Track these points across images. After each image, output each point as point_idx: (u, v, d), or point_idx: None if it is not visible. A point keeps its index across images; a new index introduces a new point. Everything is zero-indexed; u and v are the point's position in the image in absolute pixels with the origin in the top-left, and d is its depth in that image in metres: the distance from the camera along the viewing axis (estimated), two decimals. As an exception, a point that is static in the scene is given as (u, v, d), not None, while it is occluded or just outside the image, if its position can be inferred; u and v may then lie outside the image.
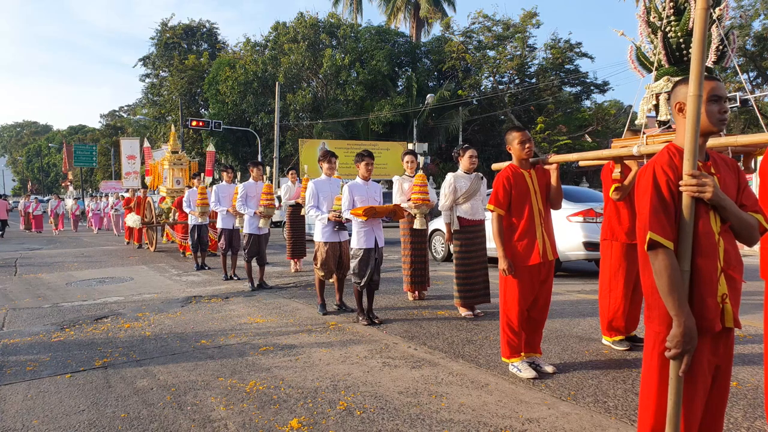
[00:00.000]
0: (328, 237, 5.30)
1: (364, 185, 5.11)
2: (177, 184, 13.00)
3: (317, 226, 5.39)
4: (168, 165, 13.07)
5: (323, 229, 5.32)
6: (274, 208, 6.80)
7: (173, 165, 13.06)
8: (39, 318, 5.57)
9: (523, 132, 3.55)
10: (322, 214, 5.29)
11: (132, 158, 27.15)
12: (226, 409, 3.06)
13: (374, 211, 4.86)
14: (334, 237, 5.32)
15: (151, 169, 14.79)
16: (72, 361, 4.01)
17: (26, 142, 77.79)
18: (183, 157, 13.34)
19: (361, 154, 5.10)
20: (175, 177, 13.06)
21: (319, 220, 5.31)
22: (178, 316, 5.51)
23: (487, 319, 5.11)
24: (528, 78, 31.32)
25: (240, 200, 6.98)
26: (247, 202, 6.99)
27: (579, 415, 2.88)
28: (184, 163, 13.23)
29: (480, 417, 2.88)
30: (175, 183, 13.01)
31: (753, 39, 27.06)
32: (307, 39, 30.05)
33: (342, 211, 5.09)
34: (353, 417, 2.92)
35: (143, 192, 14.05)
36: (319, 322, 5.10)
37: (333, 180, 5.55)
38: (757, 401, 3.05)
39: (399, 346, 4.25)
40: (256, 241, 6.96)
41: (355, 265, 4.98)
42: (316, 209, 5.34)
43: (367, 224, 4.96)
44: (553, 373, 3.52)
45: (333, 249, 5.31)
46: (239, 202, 7.00)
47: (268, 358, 4.00)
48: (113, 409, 3.10)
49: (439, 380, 3.45)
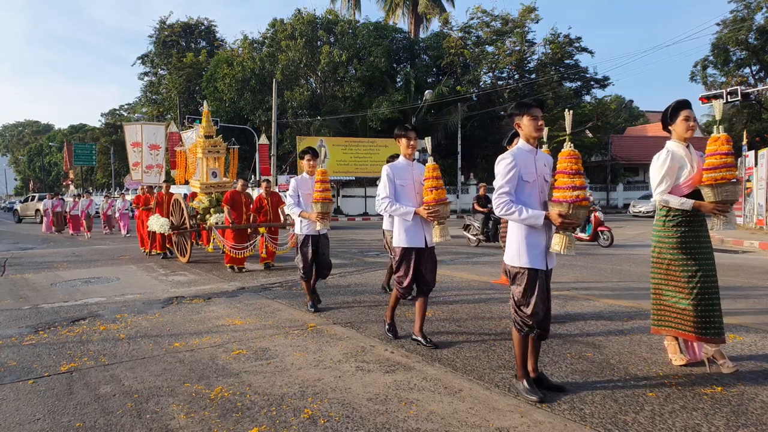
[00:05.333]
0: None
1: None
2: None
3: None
4: (202, 153, 10.35)
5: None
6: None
7: (207, 153, 10.35)
8: (15, 320, 5.46)
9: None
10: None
11: (137, 145, 22.37)
12: (186, 417, 2.94)
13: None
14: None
15: (179, 159, 11.90)
16: (38, 366, 3.90)
17: (27, 141, 77.92)
18: (219, 143, 10.55)
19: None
20: (210, 168, 10.40)
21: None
22: (157, 317, 5.39)
23: (470, 320, 4.97)
24: (527, 73, 31.11)
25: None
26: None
27: (552, 424, 2.74)
28: (221, 151, 10.55)
29: (448, 426, 2.75)
30: (210, 176, 10.37)
31: (756, 32, 26.74)
32: (305, 36, 29.87)
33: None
34: (316, 426, 2.79)
35: (166, 187, 11.25)
36: (298, 324, 4.98)
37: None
38: (742, 408, 2.91)
39: (375, 349, 4.12)
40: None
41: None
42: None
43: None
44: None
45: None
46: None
47: (239, 362, 3.87)
48: (69, 418, 2.98)
49: (412, 386, 3.32)
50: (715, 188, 3.31)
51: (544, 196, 3.19)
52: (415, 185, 4.17)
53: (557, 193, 3.02)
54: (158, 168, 22.27)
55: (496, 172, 3.17)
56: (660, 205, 3.53)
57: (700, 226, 3.45)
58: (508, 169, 3.09)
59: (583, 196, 2.95)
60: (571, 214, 2.94)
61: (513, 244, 3.17)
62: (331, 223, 5.47)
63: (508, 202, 3.07)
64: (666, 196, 3.44)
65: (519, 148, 3.20)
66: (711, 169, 3.34)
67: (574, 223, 2.97)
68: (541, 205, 3.16)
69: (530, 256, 3.09)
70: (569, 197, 2.95)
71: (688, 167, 3.43)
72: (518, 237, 3.15)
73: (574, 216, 2.94)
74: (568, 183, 2.98)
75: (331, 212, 5.38)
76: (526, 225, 3.09)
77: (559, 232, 3.01)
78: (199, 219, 9.72)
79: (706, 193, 3.36)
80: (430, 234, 4.13)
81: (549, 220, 3.02)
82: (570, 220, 2.94)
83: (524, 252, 3.10)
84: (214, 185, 10.33)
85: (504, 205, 3.07)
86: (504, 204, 3.07)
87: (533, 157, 3.18)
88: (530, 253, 3.09)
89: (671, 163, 3.42)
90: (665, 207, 3.50)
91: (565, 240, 2.97)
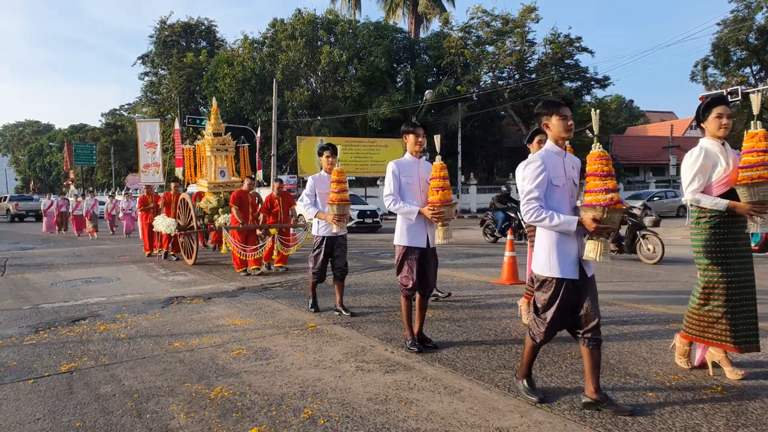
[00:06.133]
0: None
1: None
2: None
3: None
4: (210, 151, 9.97)
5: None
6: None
7: (216, 151, 9.96)
8: (16, 320, 5.47)
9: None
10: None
11: (152, 146, 21.05)
12: (186, 417, 2.94)
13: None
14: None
15: (186, 157, 11.45)
16: (38, 366, 3.90)
17: (28, 141, 77.95)
18: (228, 141, 10.13)
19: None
20: (218, 167, 9.98)
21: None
22: (157, 317, 5.39)
23: (470, 320, 4.98)
24: (527, 73, 31.11)
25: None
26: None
27: (552, 424, 2.74)
28: (230, 149, 10.16)
29: (448, 426, 2.75)
30: (219, 175, 9.96)
31: (756, 32, 26.73)
32: (305, 36, 29.89)
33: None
34: (316, 426, 2.79)
35: (174, 187, 10.82)
36: (298, 324, 4.98)
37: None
38: (742, 408, 2.91)
39: (375, 349, 4.12)
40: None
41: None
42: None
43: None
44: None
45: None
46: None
47: (239, 362, 3.88)
48: (69, 418, 2.99)
49: (412, 386, 3.32)
50: (751, 188, 3.12)
51: (574, 201, 3.00)
52: (420, 183, 4.06)
53: (589, 197, 2.82)
54: (155, 167, 21.23)
55: (523, 176, 2.97)
56: (692, 206, 3.33)
57: (739, 227, 3.24)
58: (537, 173, 2.88)
59: (617, 199, 2.77)
60: (606, 219, 2.75)
61: (543, 252, 2.96)
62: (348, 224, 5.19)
63: (538, 208, 2.86)
64: (698, 195, 3.25)
65: (547, 150, 2.99)
66: (747, 167, 3.15)
67: (609, 228, 2.78)
68: (571, 210, 2.95)
69: (561, 266, 2.88)
70: (603, 201, 2.75)
71: (722, 165, 3.23)
72: (548, 245, 2.93)
73: (609, 220, 2.75)
74: (600, 186, 2.78)
75: (348, 214, 5.15)
76: (557, 232, 2.89)
77: (592, 238, 2.82)
78: (207, 219, 9.42)
79: (741, 192, 3.16)
80: (432, 234, 4.02)
81: (581, 226, 2.82)
82: (605, 225, 2.75)
83: (555, 261, 2.89)
84: (222, 185, 9.91)
85: (534, 211, 2.86)
86: (534, 210, 2.86)
87: (562, 159, 2.97)
88: (561, 262, 2.88)
89: (704, 161, 3.24)
90: (697, 207, 3.30)
91: (600, 246, 2.79)
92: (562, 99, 3.03)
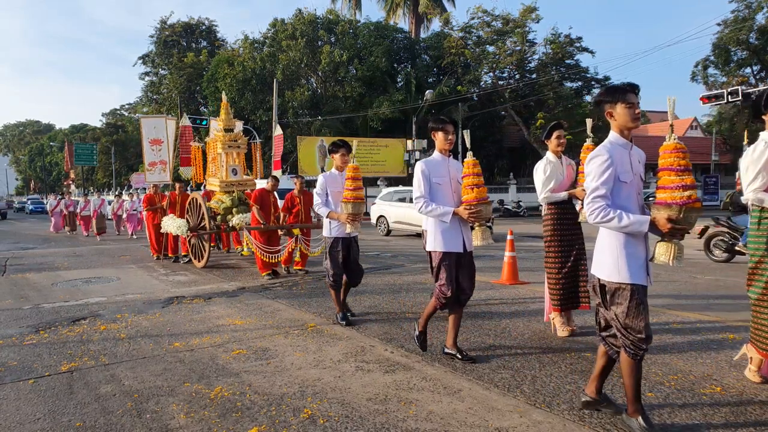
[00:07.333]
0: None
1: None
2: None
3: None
4: (221, 148, 9.45)
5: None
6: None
7: (228, 148, 9.44)
8: (16, 320, 5.47)
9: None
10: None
11: (157, 143, 19.99)
12: (186, 417, 2.95)
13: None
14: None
15: (194, 155, 10.97)
16: (38, 366, 3.91)
17: (28, 141, 78.01)
18: (240, 137, 9.63)
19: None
20: (230, 165, 9.46)
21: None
22: (157, 317, 5.40)
23: (469, 320, 4.98)
24: (528, 73, 31.09)
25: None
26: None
27: (551, 424, 2.75)
28: (242, 146, 9.61)
29: (447, 426, 2.75)
30: (230, 173, 9.46)
31: (756, 32, 26.72)
32: (306, 36, 29.90)
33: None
34: (315, 426, 2.80)
35: (179, 188, 10.37)
36: (298, 324, 4.98)
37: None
38: (742, 408, 2.91)
39: (375, 349, 4.12)
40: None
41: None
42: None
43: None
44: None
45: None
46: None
47: (239, 362, 3.88)
48: (69, 418, 2.99)
49: (411, 386, 3.33)
50: None
51: (641, 198, 2.70)
52: (452, 183, 3.79)
53: (663, 194, 2.51)
54: (162, 165, 19.88)
55: (587, 172, 2.67)
56: (753, 206, 3.03)
57: None
58: (604, 168, 2.58)
59: (696, 197, 2.46)
60: (682, 219, 2.45)
61: (609, 256, 2.64)
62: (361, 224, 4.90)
63: (605, 207, 2.55)
64: (761, 194, 2.97)
65: (612, 143, 2.70)
66: None
67: (685, 229, 2.50)
68: (639, 209, 2.65)
69: (631, 270, 2.58)
70: (679, 198, 2.45)
71: None
72: (615, 247, 2.62)
73: (686, 220, 2.46)
74: (677, 182, 2.48)
75: (362, 213, 4.76)
76: (625, 233, 2.59)
77: (664, 240, 2.55)
78: (220, 220, 8.94)
79: None
80: (468, 237, 3.78)
81: (653, 227, 2.54)
82: (681, 225, 2.46)
83: (624, 265, 2.58)
84: (234, 183, 9.43)
85: (600, 210, 2.55)
86: (600, 210, 2.55)
87: (629, 152, 2.68)
88: (631, 265, 2.58)
89: None
90: (759, 207, 3.00)
91: (673, 249, 2.51)
92: (628, 85, 2.71)
